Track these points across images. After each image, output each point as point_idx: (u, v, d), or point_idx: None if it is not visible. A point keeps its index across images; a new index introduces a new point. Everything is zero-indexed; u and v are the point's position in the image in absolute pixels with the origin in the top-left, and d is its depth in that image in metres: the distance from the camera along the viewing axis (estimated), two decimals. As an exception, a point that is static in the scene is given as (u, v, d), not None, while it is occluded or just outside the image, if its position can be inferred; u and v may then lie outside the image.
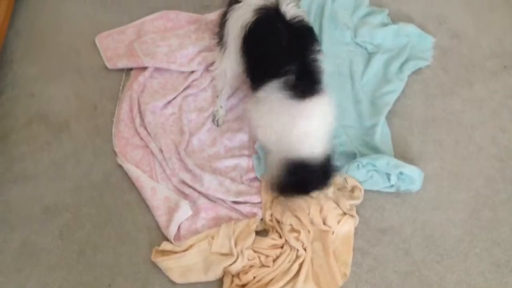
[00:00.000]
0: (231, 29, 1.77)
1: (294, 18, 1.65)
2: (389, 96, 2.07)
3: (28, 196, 1.87)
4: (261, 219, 1.81)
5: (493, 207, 1.85)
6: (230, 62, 1.83)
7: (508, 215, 1.84)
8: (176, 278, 1.70)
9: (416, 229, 1.81)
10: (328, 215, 1.76)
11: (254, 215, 1.81)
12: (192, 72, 2.13)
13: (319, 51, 1.68)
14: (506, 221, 1.82)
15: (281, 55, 1.63)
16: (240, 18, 1.72)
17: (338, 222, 1.76)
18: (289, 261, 1.72)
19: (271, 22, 1.66)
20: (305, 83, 1.60)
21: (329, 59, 2.16)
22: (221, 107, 2.03)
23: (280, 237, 1.76)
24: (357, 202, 1.81)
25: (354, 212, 1.79)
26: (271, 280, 1.69)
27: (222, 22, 1.84)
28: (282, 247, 1.76)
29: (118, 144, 1.97)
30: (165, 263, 1.71)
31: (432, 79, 2.16)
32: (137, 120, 2.00)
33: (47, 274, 1.73)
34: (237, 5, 1.75)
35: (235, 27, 1.74)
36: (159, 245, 1.74)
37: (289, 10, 1.66)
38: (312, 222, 1.76)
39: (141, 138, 1.98)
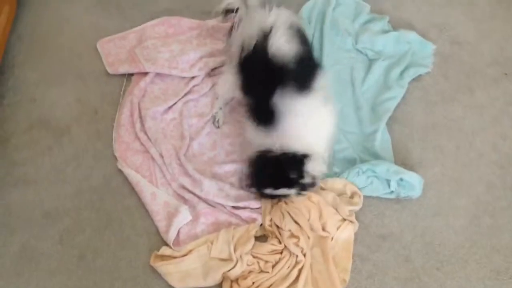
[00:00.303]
0: (235, 43, 1.83)
1: (278, 51, 1.70)
2: (390, 102, 2.07)
3: (28, 200, 1.87)
4: (261, 225, 1.81)
5: (493, 213, 1.85)
6: (232, 74, 1.88)
7: (508, 222, 1.83)
8: (175, 283, 1.70)
9: (416, 235, 1.80)
10: (327, 221, 1.75)
11: (253, 220, 1.81)
12: (193, 77, 2.14)
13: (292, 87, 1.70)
14: (506, 228, 1.82)
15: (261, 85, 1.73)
16: (243, 35, 1.79)
17: (338, 228, 1.76)
18: (289, 267, 1.72)
19: (258, 52, 1.73)
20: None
21: (330, 65, 2.18)
22: (220, 108, 2.04)
23: (280, 242, 1.76)
24: (356, 208, 1.81)
25: (353, 218, 1.78)
26: (270, 286, 1.68)
27: (229, 33, 1.88)
28: (281, 252, 1.75)
29: (119, 149, 1.98)
30: (164, 268, 1.70)
31: (432, 86, 2.16)
32: (138, 125, 2.01)
33: (46, 279, 1.73)
34: (244, 19, 1.83)
35: (237, 43, 1.80)
36: (158, 250, 1.74)
37: (276, 41, 1.70)
38: (311, 228, 1.76)
39: (142, 143, 1.98)
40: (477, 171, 1.95)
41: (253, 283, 1.69)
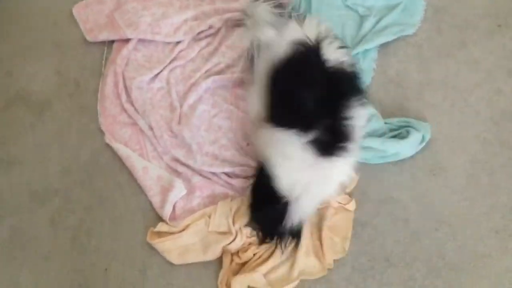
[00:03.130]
0: (259, 69, 1.66)
1: (336, 63, 1.50)
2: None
3: (14, 182, 1.80)
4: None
5: (490, 171, 1.84)
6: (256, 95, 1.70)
7: (505, 180, 1.82)
8: (174, 259, 1.67)
9: (414, 197, 1.79)
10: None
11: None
12: (178, 42, 2.03)
13: (358, 104, 1.52)
14: (504, 186, 1.81)
15: (310, 107, 1.49)
16: (270, 49, 1.60)
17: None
18: (288, 236, 1.70)
19: (307, 65, 1.52)
20: (328, 143, 1.48)
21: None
22: None
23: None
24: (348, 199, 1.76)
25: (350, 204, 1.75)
26: (271, 255, 1.66)
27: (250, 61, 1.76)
28: (281, 222, 1.73)
29: (105, 123, 1.89)
30: (162, 244, 1.67)
31: (426, 41, 2.09)
32: (123, 96, 1.92)
33: (40, 263, 1.69)
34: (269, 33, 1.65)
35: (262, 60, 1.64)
36: (154, 227, 1.70)
37: (331, 52, 1.52)
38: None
39: (129, 115, 1.90)
40: (472, 129, 1.92)
41: (254, 254, 1.67)
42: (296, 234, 1.63)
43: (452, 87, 1.99)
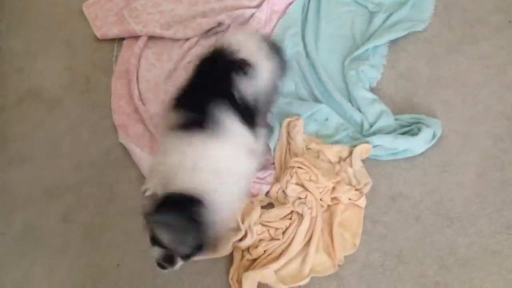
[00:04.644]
0: None
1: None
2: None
3: (26, 177, 1.82)
4: (267, 192, 1.77)
5: (502, 167, 1.82)
6: None
7: (517, 175, 1.82)
8: (185, 255, 1.67)
9: (425, 194, 1.78)
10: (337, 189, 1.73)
11: (257, 190, 1.77)
12: (187, 40, 2.04)
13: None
14: (515, 181, 1.80)
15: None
16: None
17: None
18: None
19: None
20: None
21: (329, 22, 2.09)
22: None
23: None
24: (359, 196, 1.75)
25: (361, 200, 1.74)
26: (282, 252, 1.66)
27: None
28: (290, 218, 1.72)
29: (119, 119, 1.90)
30: (173, 241, 1.67)
31: (436, 37, 2.08)
32: (136, 94, 1.92)
33: (53, 258, 1.70)
34: None
35: None
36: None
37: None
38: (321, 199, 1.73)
39: (140, 113, 1.91)
40: (483, 125, 1.91)
41: (265, 251, 1.67)
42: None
43: (463, 83, 1.98)
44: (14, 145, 1.87)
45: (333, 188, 1.73)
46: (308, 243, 1.68)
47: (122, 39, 2.08)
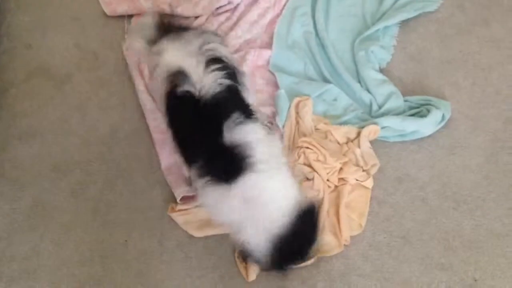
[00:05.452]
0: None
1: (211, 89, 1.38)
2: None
3: (35, 153, 1.82)
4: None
5: (510, 151, 1.82)
6: None
7: (525, 159, 1.81)
8: (194, 231, 1.69)
9: (432, 176, 1.78)
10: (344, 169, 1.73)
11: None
12: (197, 17, 2.02)
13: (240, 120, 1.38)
14: (524, 166, 1.80)
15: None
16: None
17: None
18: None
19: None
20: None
21: (340, 1, 2.08)
22: None
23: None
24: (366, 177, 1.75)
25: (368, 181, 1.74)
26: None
27: None
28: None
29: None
30: (182, 217, 1.69)
31: (447, 18, 2.06)
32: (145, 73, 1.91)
33: (62, 233, 1.71)
34: None
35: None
36: (173, 199, 1.71)
37: (205, 78, 1.39)
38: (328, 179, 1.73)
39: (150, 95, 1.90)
40: (493, 108, 1.90)
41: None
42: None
43: (473, 65, 1.97)
44: (23, 121, 1.88)
45: (341, 168, 1.73)
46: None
47: (131, 16, 2.06)
